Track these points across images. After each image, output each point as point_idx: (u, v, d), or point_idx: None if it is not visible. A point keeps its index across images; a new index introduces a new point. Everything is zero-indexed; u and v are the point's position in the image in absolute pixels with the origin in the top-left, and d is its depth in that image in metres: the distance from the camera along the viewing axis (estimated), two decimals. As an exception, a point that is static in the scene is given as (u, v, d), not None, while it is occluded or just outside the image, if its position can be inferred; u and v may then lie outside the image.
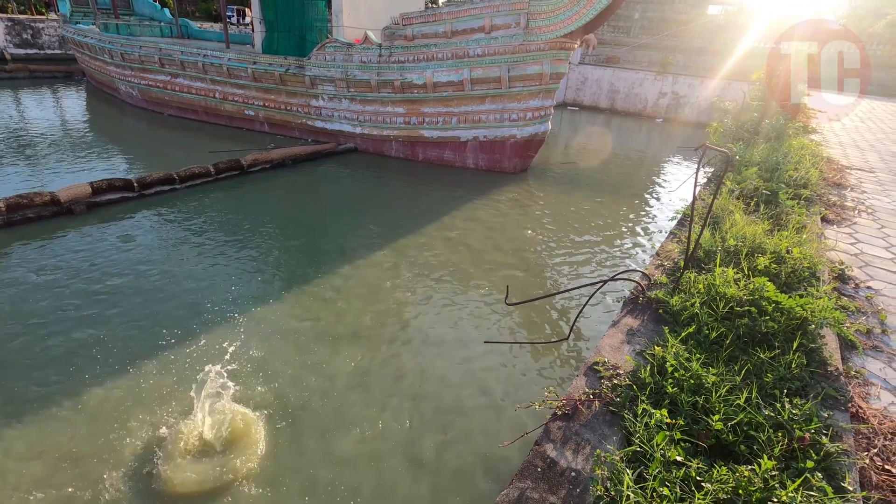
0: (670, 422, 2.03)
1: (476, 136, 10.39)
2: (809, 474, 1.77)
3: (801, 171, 5.69)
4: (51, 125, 12.30)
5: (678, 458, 1.83)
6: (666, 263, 3.71)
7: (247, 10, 32.96)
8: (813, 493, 1.69)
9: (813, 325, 2.68)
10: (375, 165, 10.77)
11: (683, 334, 2.61)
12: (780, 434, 1.98)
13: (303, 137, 12.10)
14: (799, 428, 1.99)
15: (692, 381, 2.23)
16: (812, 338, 2.63)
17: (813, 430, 1.98)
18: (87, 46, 15.52)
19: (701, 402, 2.14)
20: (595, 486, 1.76)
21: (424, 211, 8.27)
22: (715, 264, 3.28)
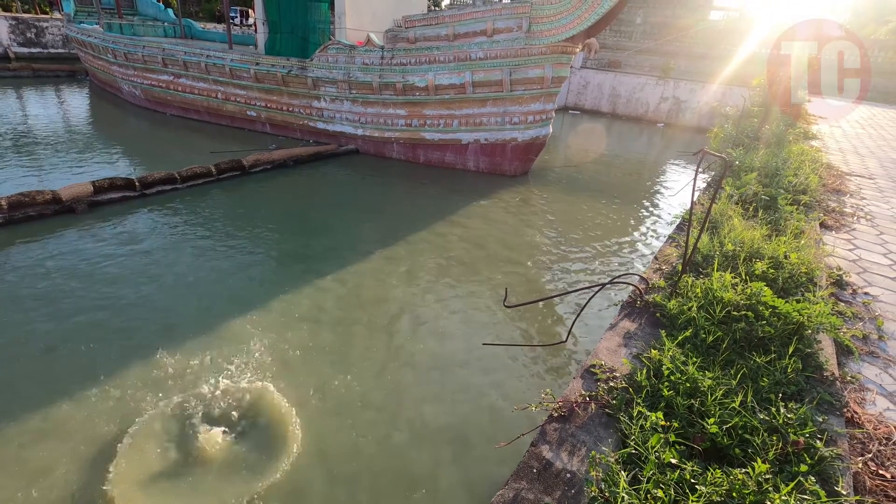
0: (665, 424, 2.04)
1: (477, 139, 10.41)
2: (803, 478, 1.78)
3: (800, 177, 5.70)
4: (53, 124, 12.34)
5: (673, 461, 1.84)
6: (664, 267, 3.72)
7: (250, 11, 33.09)
8: (806, 497, 1.70)
9: (809, 330, 2.69)
10: (376, 167, 10.80)
11: (680, 338, 2.62)
12: (774, 438, 1.99)
13: (304, 138, 12.13)
14: (793, 432, 2.00)
15: (688, 384, 2.24)
16: (808, 343, 2.63)
17: (807, 435, 1.99)
18: (90, 46, 15.59)
19: (696, 405, 2.15)
20: (590, 488, 1.77)
21: (424, 213, 8.29)
22: (713, 269, 3.29)
